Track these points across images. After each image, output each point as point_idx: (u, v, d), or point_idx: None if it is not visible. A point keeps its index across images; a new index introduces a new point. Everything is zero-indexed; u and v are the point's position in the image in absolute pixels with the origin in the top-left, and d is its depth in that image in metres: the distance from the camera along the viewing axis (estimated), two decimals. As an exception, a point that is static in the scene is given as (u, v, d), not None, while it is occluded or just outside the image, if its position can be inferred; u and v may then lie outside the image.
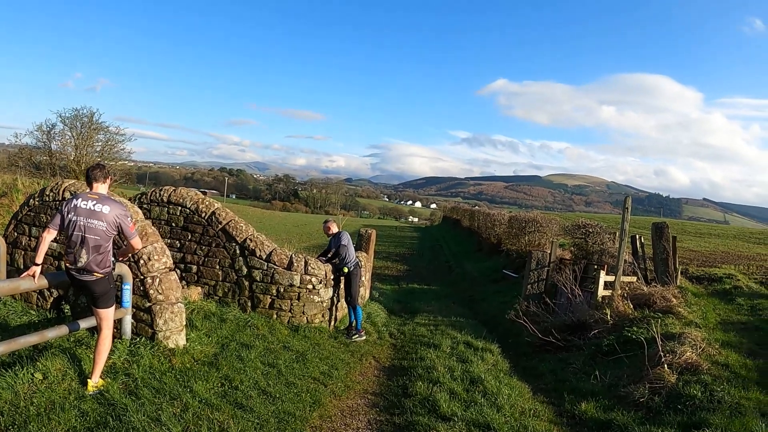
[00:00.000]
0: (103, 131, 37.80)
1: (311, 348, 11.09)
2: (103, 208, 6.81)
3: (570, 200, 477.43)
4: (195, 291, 12.35)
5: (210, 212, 12.77)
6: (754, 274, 23.84)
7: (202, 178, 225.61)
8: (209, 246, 12.75)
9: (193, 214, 12.80)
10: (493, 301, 23.41)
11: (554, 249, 20.56)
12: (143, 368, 7.67)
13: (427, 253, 46.50)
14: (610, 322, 14.51)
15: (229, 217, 12.79)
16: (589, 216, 56.07)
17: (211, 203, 13.04)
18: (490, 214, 45.97)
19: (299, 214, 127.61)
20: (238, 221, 12.81)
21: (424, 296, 23.56)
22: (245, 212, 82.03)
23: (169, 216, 12.98)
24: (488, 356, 12.72)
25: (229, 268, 12.62)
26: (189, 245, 12.87)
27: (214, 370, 8.26)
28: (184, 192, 13.17)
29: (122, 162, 39.63)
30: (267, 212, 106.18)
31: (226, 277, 12.67)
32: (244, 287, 12.53)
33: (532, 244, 30.20)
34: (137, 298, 8.59)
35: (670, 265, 18.57)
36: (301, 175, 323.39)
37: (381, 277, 28.04)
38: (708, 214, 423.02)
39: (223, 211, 12.85)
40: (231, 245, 12.61)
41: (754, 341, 14.13)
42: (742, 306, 18.02)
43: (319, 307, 12.97)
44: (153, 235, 8.97)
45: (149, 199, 13.20)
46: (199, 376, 7.91)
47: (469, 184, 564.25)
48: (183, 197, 12.95)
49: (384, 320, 16.28)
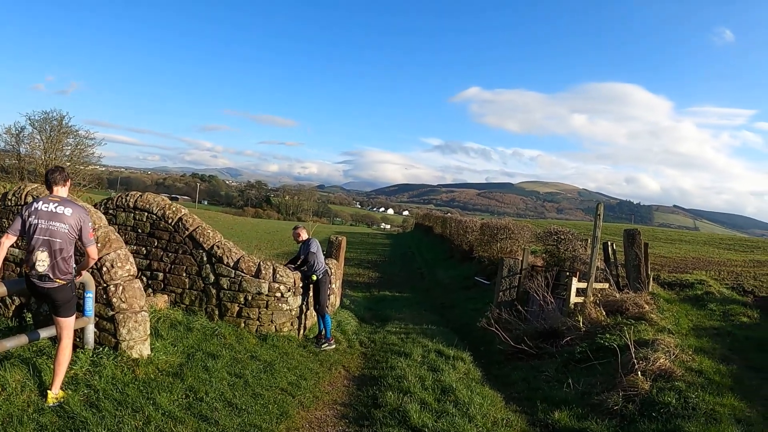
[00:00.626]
0: (73, 135, 37.15)
1: (279, 357, 10.88)
2: (66, 210, 6.60)
3: (542, 207, 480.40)
4: (161, 299, 12.08)
5: (177, 218, 12.52)
6: (725, 279, 24.01)
7: (174, 183, 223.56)
8: (176, 253, 12.48)
9: (160, 220, 12.54)
10: (464, 309, 23.32)
11: (526, 256, 20.53)
12: (106, 379, 7.44)
13: (399, 260, 46.37)
14: (583, 329, 14.46)
15: (196, 223, 12.55)
16: (561, 223, 56.41)
17: (178, 209, 12.79)
18: (462, 221, 45.99)
19: (271, 220, 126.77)
20: (205, 228, 12.57)
21: (395, 304, 23.40)
22: (217, 219, 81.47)
23: (136, 222, 12.71)
24: (460, 365, 12.60)
25: (196, 275, 12.37)
26: (155, 252, 12.59)
27: (179, 381, 8.05)
28: (150, 197, 12.91)
29: (92, 166, 38.99)
30: (239, 219, 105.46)
31: (193, 285, 12.41)
32: (211, 295, 12.28)
33: (504, 251, 30.18)
34: (100, 306, 8.35)
35: (642, 272, 18.61)
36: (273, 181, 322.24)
37: (352, 285, 27.83)
38: (678, 220, 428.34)
39: (190, 217, 12.61)
40: (198, 252, 12.36)
41: (726, 347, 14.17)
42: (714, 312, 18.13)
43: (288, 316, 12.76)
44: (116, 241, 8.73)
45: (115, 204, 12.92)
46: (163, 387, 7.69)
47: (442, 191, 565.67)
48: (149, 203, 12.69)
49: (354, 328, 16.10)
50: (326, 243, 18.13)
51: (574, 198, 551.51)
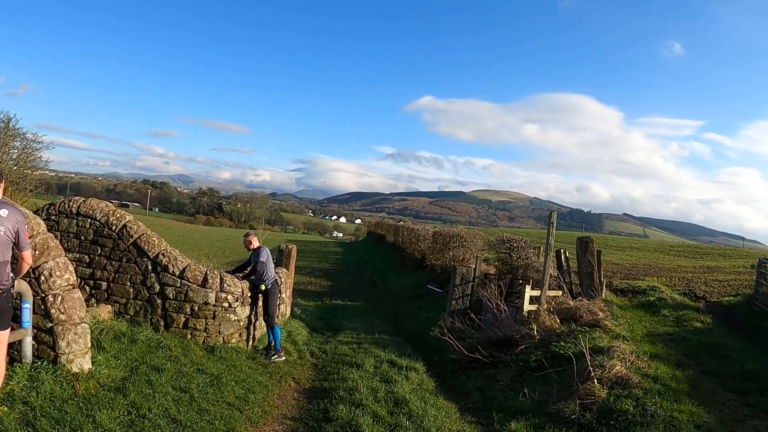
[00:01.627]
0: (20, 138, 36.03)
1: (227, 370, 10.52)
2: (2, 211, 6.19)
3: (494, 215, 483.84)
4: (105, 309, 11.62)
5: (121, 225, 12.08)
6: (676, 285, 24.36)
7: (125, 190, 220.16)
8: (120, 261, 12.03)
9: (104, 227, 12.09)
10: (417, 317, 23.19)
11: (479, 264, 20.42)
12: (44, 395, 7.05)
13: (352, 269, 46.19)
14: (537, 337, 14.40)
15: (141, 230, 12.13)
16: (513, 231, 56.80)
17: (123, 215, 12.35)
18: (414, 229, 46.02)
19: (223, 228, 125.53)
20: (150, 235, 12.16)
21: (347, 313, 23.12)
22: (168, 226, 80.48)
23: (78, 228, 12.23)
24: (413, 375, 12.42)
25: (141, 285, 11.93)
26: (99, 260, 12.12)
27: (121, 397, 7.68)
28: (94, 203, 12.45)
29: (40, 171, 37.85)
30: (190, 226, 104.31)
31: (137, 295, 11.95)
32: (156, 305, 11.84)
33: (456, 259, 30.14)
34: (38, 317, 7.93)
35: (596, 279, 18.70)
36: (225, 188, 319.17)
37: (304, 293, 27.56)
38: (628, 228, 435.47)
39: (134, 224, 12.18)
40: (143, 260, 11.94)
41: (681, 352, 14.25)
42: (667, 317, 18.31)
43: (236, 326, 12.40)
44: (56, 249, 8.33)
45: (58, 210, 12.43)
46: (104, 403, 7.32)
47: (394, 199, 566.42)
48: (93, 209, 12.23)
49: (305, 338, 15.78)
50: (277, 251, 17.80)
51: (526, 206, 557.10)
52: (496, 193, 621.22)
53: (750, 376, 12.61)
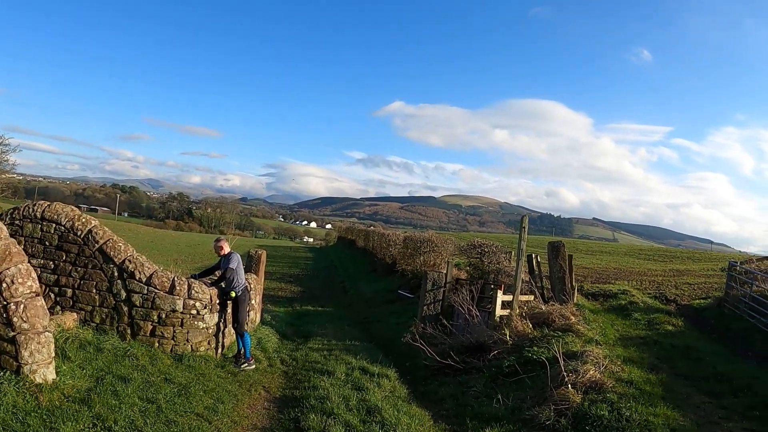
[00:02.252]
0: (-14, 141, 35.43)
1: (196, 379, 10.32)
2: None
3: (464, 220, 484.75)
4: (70, 317, 11.33)
5: (86, 230, 11.80)
6: (647, 289, 24.53)
7: (94, 194, 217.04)
8: (86, 267, 11.75)
9: (69, 232, 11.79)
10: (388, 323, 23.02)
11: (450, 269, 20.34)
12: (5, 408, 6.85)
13: (322, 274, 45.96)
14: (510, 343, 14.36)
15: (106, 236, 11.85)
16: (484, 236, 56.93)
17: (88, 220, 12.07)
18: (384, 234, 45.83)
19: (193, 233, 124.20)
20: (116, 240, 11.89)
21: (318, 319, 22.92)
22: (137, 231, 79.56)
23: (43, 234, 11.92)
24: (385, 382, 12.30)
25: (107, 291, 11.65)
26: (64, 266, 11.83)
27: (86, 409, 7.48)
28: (59, 207, 12.15)
29: (7, 175, 37.23)
30: (160, 231, 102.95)
31: (103, 302, 11.67)
32: (123, 313, 11.57)
33: (427, 264, 30.03)
34: (-1, 326, 7.70)
35: (567, 283, 18.71)
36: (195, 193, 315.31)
37: (274, 299, 27.27)
38: (598, 232, 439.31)
39: (100, 230, 11.90)
40: (109, 267, 11.66)
41: (654, 356, 14.30)
42: (639, 321, 18.40)
43: (205, 334, 12.18)
44: (18, 255, 8.09)
45: (22, 214, 12.11)
46: (68, 415, 7.13)
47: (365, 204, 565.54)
48: (57, 213, 11.93)
49: (275, 345, 15.55)
50: (247, 257, 17.57)
51: (496, 211, 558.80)
52: (467, 198, 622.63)
53: (723, 379, 12.70)
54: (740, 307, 19.71)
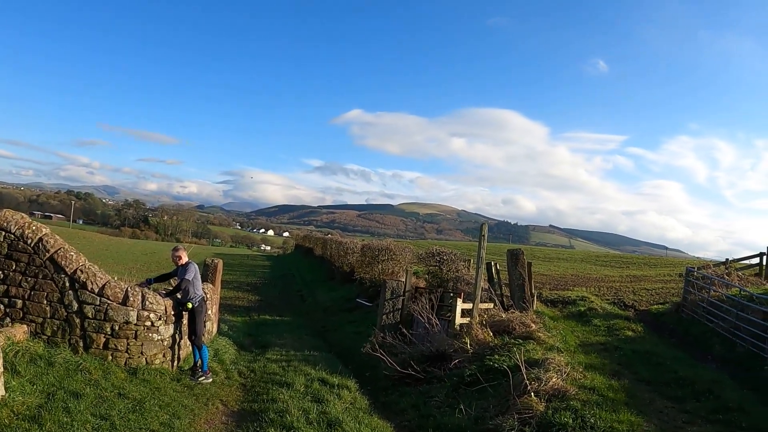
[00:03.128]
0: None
1: (151, 394, 10.02)
2: None
3: (422, 228, 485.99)
4: (20, 329, 10.94)
5: (37, 239, 11.41)
6: (605, 295, 24.80)
7: (48, 201, 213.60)
8: (36, 277, 11.35)
9: (19, 241, 11.38)
10: (347, 332, 22.86)
11: (409, 277, 20.26)
12: (-52, 427, 6.51)
13: (280, 283, 45.52)
14: (471, 351, 14.31)
15: (58, 244, 11.48)
16: (441, 243, 57.11)
17: (39, 228, 11.68)
18: (342, 242, 45.70)
19: (149, 241, 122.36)
20: (68, 249, 11.52)
21: (276, 328, 22.63)
22: (92, 239, 78.29)
23: (-8, 243, 11.52)
24: (345, 394, 12.15)
25: (59, 303, 11.26)
26: (14, 276, 11.41)
27: (37, 427, 7.20)
28: (8, 214, 11.74)
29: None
30: (115, 239, 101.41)
31: (55, 314, 11.27)
32: (75, 325, 11.20)
33: (385, 273, 29.96)
34: (-57, 342, 7.36)
35: (527, 291, 18.78)
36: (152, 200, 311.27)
37: (231, 309, 26.86)
38: (554, 239, 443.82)
39: (51, 238, 11.53)
40: (60, 277, 11.29)
41: (615, 362, 14.37)
42: (599, 327, 18.53)
43: (160, 346, 11.85)
44: (-38, 267, 7.76)
45: (-32, 223, 11.70)
46: (16, 434, 6.81)
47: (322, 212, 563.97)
48: (7, 221, 11.53)
49: (233, 357, 15.24)
50: (201, 265, 17.26)
51: (454, 219, 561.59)
52: (424, 205, 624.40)
53: (685, 383, 12.80)
54: (698, 312, 19.99)
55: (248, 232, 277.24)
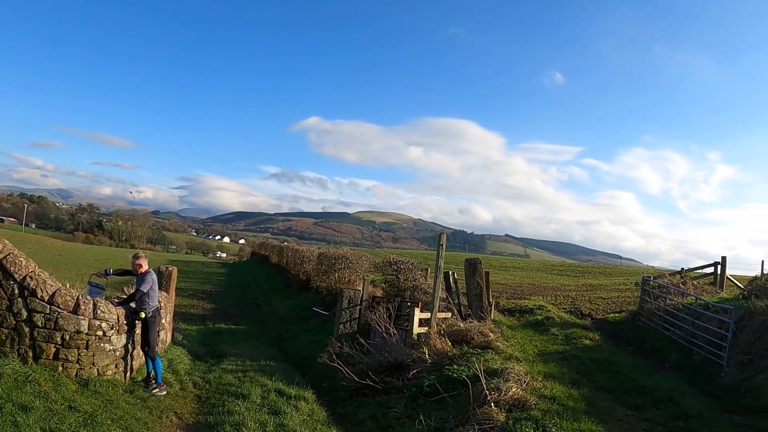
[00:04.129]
0: None
1: (102, 407, 9.73)
2: None
3: (378, 237, 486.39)
4: (-34, 340, 10.59)
5: (-16, 245, 11.04)
6: (562, 304, 25.03)
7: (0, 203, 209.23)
8: (-17, 286, 11.00)
9: (-37, 247, 11.01)
10: (304, 341, 22.65)
11: (366, 287, 20.18)
12: None
13: (235, 291, 45.06)
14: (429, 361, 14.25)
15: (6, 249, 11.10)
16: (398, 252, 57.17)
17: (-13, 235, 11.31)
18: (298, 250, 45.56)
19: (103, 247, 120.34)
20: (17, 255, 11.15)
21: (231, 337, 22.31)
22: (45, 244, 76.90)
23: (-63, 250, 11.11)
24: (303, 405, 11.99)
25: (7, 311, 10.87)
26: (-40, 285, 11.05)
27: (-18, 442, 6.88)
28: (-45, 223, 11.37)
29: None
30: (68, 244, 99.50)
31: (3, 322, 10.86)
32: (24, 334, 10.81)
33: (342, 281, 29.83)
34: None
35: (485, 300, 18.81)
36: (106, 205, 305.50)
37: (186, 317, 26.44)
38: (510, 248, 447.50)
39: (0, 243, 11.17)
40: (8, 284, 10.91)
41: (574, 370, 14.43)
42: (556, 336, 18.65)
43: (112, 357, 11.52)
44: None
45: None
46: (-40, 450, 6.53)
47: (279, 219, 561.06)
48: (-48, 230, 11.15)
49: (187, 367, 14.94)
50: (157, 273, 16.93)
51: (410, 227, 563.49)
52: (381, 214, 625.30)
53: (644, 391, 12.93)
54: (655, 320, 20.29)
55: (204, 238, 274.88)
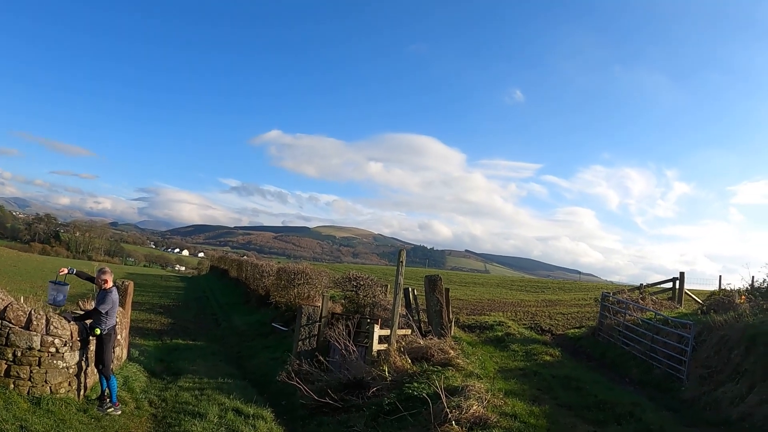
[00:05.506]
0: None
1: (55, 426, 9.50)
2: None
3: (338, 251, 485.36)
4: None
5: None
6: (522, 320, 25.21)
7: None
8: (-67, 301, 10.72)
9: None
10: (263, 358, 22.45)
11: (325, 303, 20.12)
12: None
13: (194, 305, 44.53)
14: (389, 379, 14.21)
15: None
16: (358, 267, 57.12)
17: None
18: (258, 264, 45.25)
19: (60, 258, 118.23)
20: (-32, 271, 10.90)
21: (189, 353, 22.03)
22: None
23: None
24: (261, 424, 11.87)
25: (-43, 327, 10.65)
26: None
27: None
28: None
29: None
30: (24, 255, 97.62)
31: (-48, 339, 10.65)
32: (-26, 352, 10.59)
33: (301, 297, 29.69)
34: None
35: (445, 317, 18.87)
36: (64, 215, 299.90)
37: (143, 332, 26.06)
38: (470, 264, 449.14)
39: (-49, 261, 10.89)
40: (-43, 300, 10.66)
41: (535, 387, 14.50)
42: (516, 352, 18.72)
43: (65, 374, 11.27)
44: None
45: None
46: None
47: (239, 233, 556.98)
48: None
49: (143, 385, 14.69)
50: (113, 287, 16.67)
51: (370, 243, 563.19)
52: (341, 229, 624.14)
53: (605, 406, 13.02)
54: (614, 336, 20.51)
55: (163, 251, 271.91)
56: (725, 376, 14.42)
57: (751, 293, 20.25)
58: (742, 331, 14.95)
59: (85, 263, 77.50)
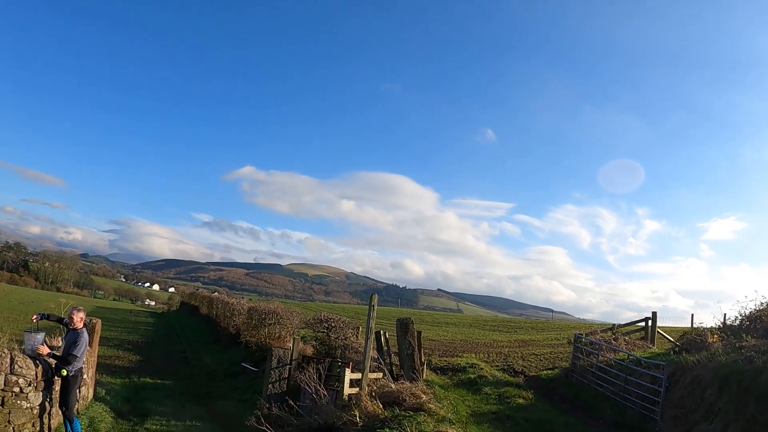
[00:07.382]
0: None
1: (17, 470, 9.27)
2: None
3: (310, 289, 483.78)
4: None
5: None
6: (494, 361, 25.15)
7: None
8: None
9: None
10: (232, 399, 22.13)
11: (296, 345, 19.96)
12: None
13: (163, 342, 43.97)
14: (360, 424, 14.10)
15: None
16: (330, 306, 56.92)
17: None
18: (229, 302, 44.85)
19: (28, 289, 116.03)
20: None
21: (157, 393, 21.68)
22: (-32, 283, 74.20)
23: None
24: (230, 471, 11.60)
25: None
26: None
27: None
28: None
29: None
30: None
31: None
32: (-64, 391, 10.33)
33: (272, 337, 29.41)
34: None
35: (416, 360, 18.78)
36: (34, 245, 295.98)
37: (110, 369, 25.64)
38: (442, 303, 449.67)
39: None
40: None
41: (508, 431, 14.37)
42: (489, 395, 18.65)
43: (29, 415, 11.05)
44: None
45: None
46: None
47: (210, 269, 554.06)
48: None
49: (109, 426, 14.41)
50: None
51: (342, 281, 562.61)
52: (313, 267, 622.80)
53: (579, 450, 12.92)
54: (588, 377, 20.56)
55: (133, 285, 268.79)
56: (699, 416, 14.48)
57: (723, 331, 20.45)
58: (715, 371, 15.03)
59: (53, 294, 76.41)
